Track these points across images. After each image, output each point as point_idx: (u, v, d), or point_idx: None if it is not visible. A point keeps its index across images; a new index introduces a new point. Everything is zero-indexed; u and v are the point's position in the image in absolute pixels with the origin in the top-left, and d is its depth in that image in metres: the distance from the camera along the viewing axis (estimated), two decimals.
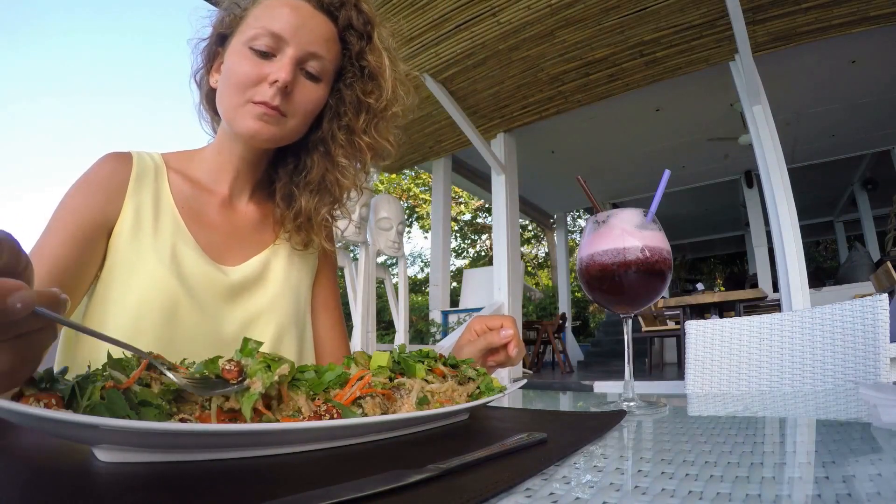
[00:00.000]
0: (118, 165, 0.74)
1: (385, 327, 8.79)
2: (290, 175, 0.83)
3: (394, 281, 5.54)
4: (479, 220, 17.81)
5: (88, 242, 0.67)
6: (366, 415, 0.39)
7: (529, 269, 17.49)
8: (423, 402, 0.44)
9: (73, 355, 0.67)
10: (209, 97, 0.82)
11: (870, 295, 1.03)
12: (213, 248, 0.77)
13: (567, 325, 8.42)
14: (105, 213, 0.70)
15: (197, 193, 0.79)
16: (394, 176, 14.79)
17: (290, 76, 0.70)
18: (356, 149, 0.81)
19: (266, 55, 0.71)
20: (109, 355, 0.34)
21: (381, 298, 7.08)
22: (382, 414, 0.40)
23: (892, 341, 0.97)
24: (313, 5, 0.73)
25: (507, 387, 0.57)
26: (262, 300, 0.78)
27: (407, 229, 17.14)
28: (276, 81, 0.69)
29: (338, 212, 0.87)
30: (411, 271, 17.17)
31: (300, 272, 0.85)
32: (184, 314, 0.68)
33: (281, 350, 0.77)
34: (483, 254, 17.72)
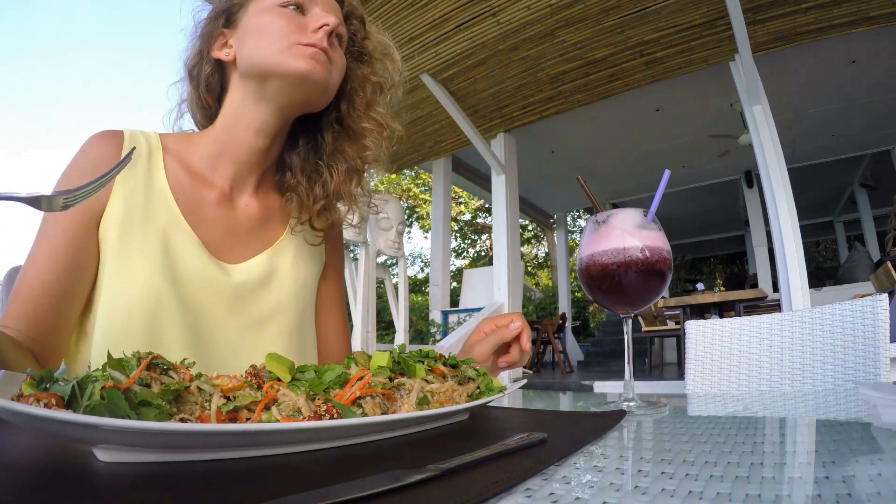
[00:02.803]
0: (106, 148, 0.68)
1: (385, 327, 8.79)
2: (307, 155, 0.81)
3: (394, 281, 5.54)
4: (479, 220, 17.81)
5: (79, 243, 0.64)
6: (366, 415, 0.39)
7: (529, 269, 17.49)
8: (423, 402, 0.44)
9: (73, 355, 0.67)
10: (211, 80, 0.76)
11: (870, 295, 1.03)
12: (213, 243, 0.71)
13: (567, 325, 8.42)
14: (91, 208, 0.65)
15: (195, 183, 0.72)
16: (393, 176, 14.79)
17: (337, 21, 0.71)
18: (371, 121, 0.81)
19: (299, 10, 0.71)
20: (109, 355, 0.34)
21: (381, 298, 7.08)
22: (382, 414, 0.40)
23: (892, 341, 0.97)
24: None
25: (507, 387, 0.56)
26: (268, 304, 0.73)
27: (407, 229, 17.15)
28: (324, 25, 0.69)
29: (357, 189, 0.83)
30: (411, 271, 17.18)
31: (308, 271, 0.80)
32: (173, 319, 0.63)
33: (285, 355, 0.75)
34: (483, 254, 17.72)
